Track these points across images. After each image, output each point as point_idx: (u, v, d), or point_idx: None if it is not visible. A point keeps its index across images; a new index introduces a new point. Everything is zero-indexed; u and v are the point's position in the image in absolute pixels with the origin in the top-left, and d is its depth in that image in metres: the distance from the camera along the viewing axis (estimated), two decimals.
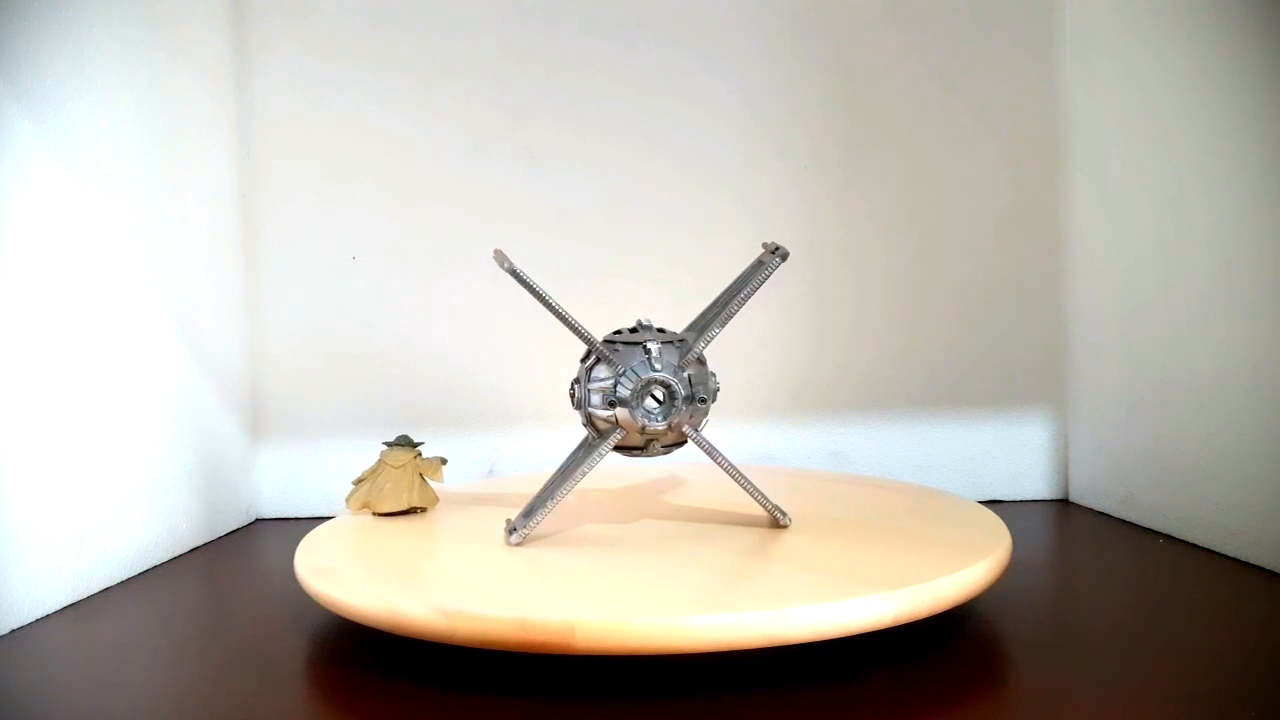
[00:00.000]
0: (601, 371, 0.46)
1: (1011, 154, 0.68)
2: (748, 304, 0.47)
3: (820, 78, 0.68)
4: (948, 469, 0.68)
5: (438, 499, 0.54)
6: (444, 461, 0.54)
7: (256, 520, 0.70)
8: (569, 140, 0.69)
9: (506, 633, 0.35)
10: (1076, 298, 0.66)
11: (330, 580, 0.40)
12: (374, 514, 0.53)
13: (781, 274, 0.69)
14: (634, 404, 0.45)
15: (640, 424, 0.45)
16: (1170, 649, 0.39)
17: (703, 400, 0.46)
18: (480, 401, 0.69)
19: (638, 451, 0.47)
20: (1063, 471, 0.68)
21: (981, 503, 0.58)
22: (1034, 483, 0.69)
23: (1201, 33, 0.53)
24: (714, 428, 0.68)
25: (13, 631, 0.45)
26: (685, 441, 0.47)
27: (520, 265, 0.46)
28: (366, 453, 0.69)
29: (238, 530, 0.67)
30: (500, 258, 0.45)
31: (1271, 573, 0.48)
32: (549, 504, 0.46)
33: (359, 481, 0.53)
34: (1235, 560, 0.50)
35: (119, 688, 0.39)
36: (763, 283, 0.47)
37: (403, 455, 0.53)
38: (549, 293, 0.46)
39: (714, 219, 0.69)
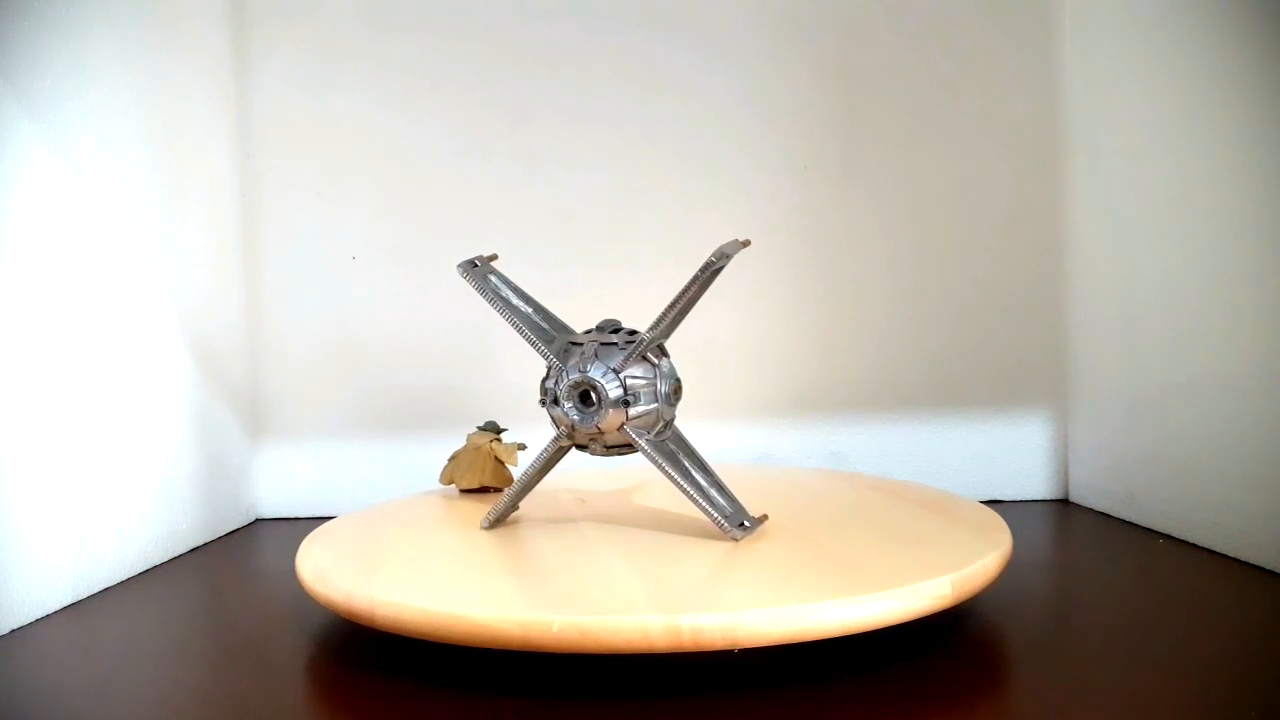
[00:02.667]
0: (553, 371, 0.47)
1: (1011, 154, 0.68)
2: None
3: (820, 77, 0.68)
4: (948, 469, 0.68)
5: (512, 480, 0.57)
6: (521, 447, 0.58)
7: (256, 520, 0.70)
8: (569, 140, 0.69)
9: (354, 607, 0.39)
10: (1076, 298, 0.66)
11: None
12: (459, 489, 0.58)
13: (782, 274, 0.69)
14: (564, 404, 0.46)
15: (570, 423, 0.46)
16: (1170, 649, 0.39)
17: (627, 403, 0.45)
18: (481, 401, 0.69)
19: (584, 449, 0.48)
20: (1063, 471, 0.68)
21: (981, 503, 0.58)
22: (1034, 483, 0.69)
23: (1202, 32, 0.53)
24: (714, 427, 0.68)
25: (13, 631, 0.45)
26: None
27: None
28: (366, 453, 0.70)
29: (238, 530, 0.67)
30: (464, 267, 0.49)
31: (1271, 573, 0.48)
32: (509, 495, 0.49)
33: (451, 459, 0.58)
34: (1235, 560, 0.50)
35: (119, 688, 0.39)
36: (696, 282, 0.45)
37: (480, 438, 0.58)
38: (521, 290, 0.50)
39: (714, 218, 0.69)
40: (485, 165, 0.69)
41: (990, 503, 0.66)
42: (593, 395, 0.45)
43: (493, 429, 0.59)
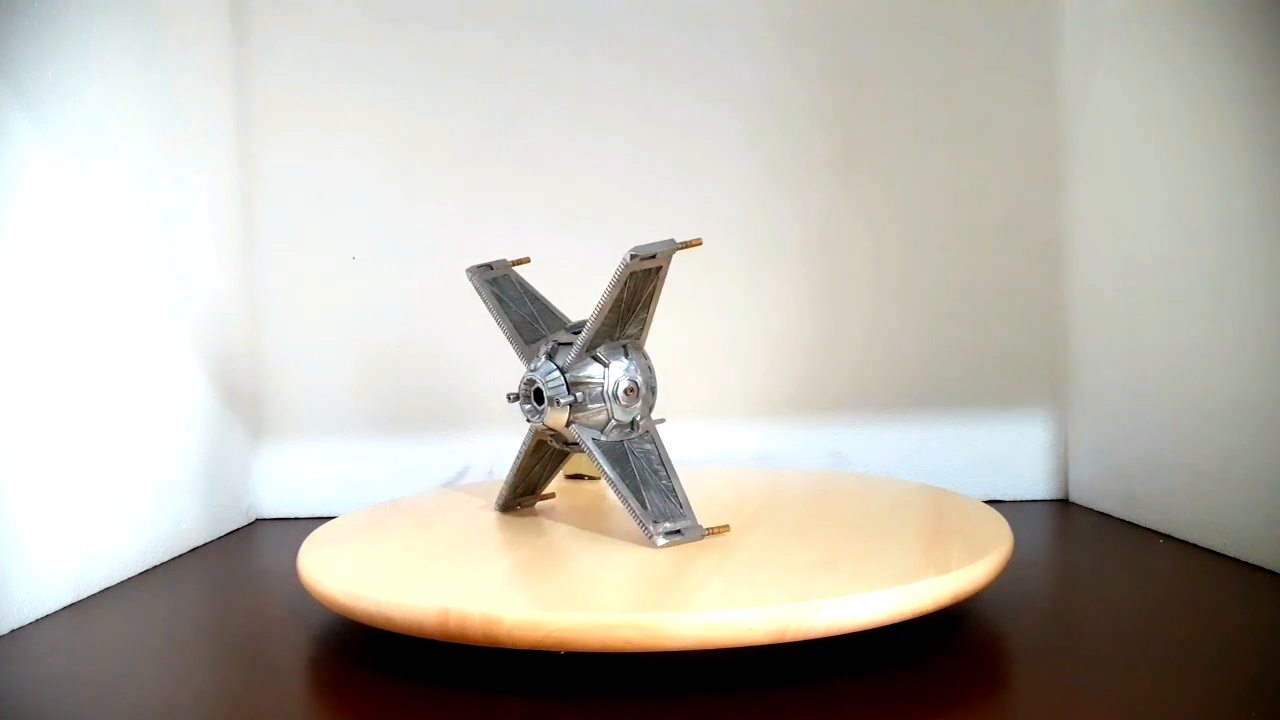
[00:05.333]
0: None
1: (1012, 155, 0.68)
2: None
3: (821, 79, 0.68)
4: (948, 469, 0.68)
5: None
6: None
7: (256, 520, 0.70)
8: (569, 139, 0.69)
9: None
10: (1076, 298, 0.66)
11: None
12: (564, 475, 0.59)
13: (781, 274, 0.69)
14: (521, 402, 0.48)
15: (527, 419, 0.47)
16: (1170, 649, 0.39)
17: (557, 401, 0.45)
18: (481, 401, 0.69)
19: (551, 444, 0.49)
20: (1063, 471, 0.68)
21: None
22: (1034, 483, 0.69)
23: (1201, 34, 0.53)
24: (714, 427, 0.68)
25: (13, 631, 0.45)
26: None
27: (513, 267, 0.51)
28: (367, 452, 0.70)
29: (238, 530, 0.67)
30: (472, 270, 0.51)
31: (1272, 573, 0.48)
32: (506, 481, 0.51)
33: None
34: (1235, 560, 0.50)
35: (119, 688, 0.39)
36: (616, 286, 0.45)
37: None
38: (533, 292, 0.51)
39: (713, 219, 0.69)
40: (485, 164, 0.69)
41: (990, 503, 0.66)
42: (544, 395, 0.46)
43: None
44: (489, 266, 0.51)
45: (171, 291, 0.60)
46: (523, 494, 0.52)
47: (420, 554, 0.45)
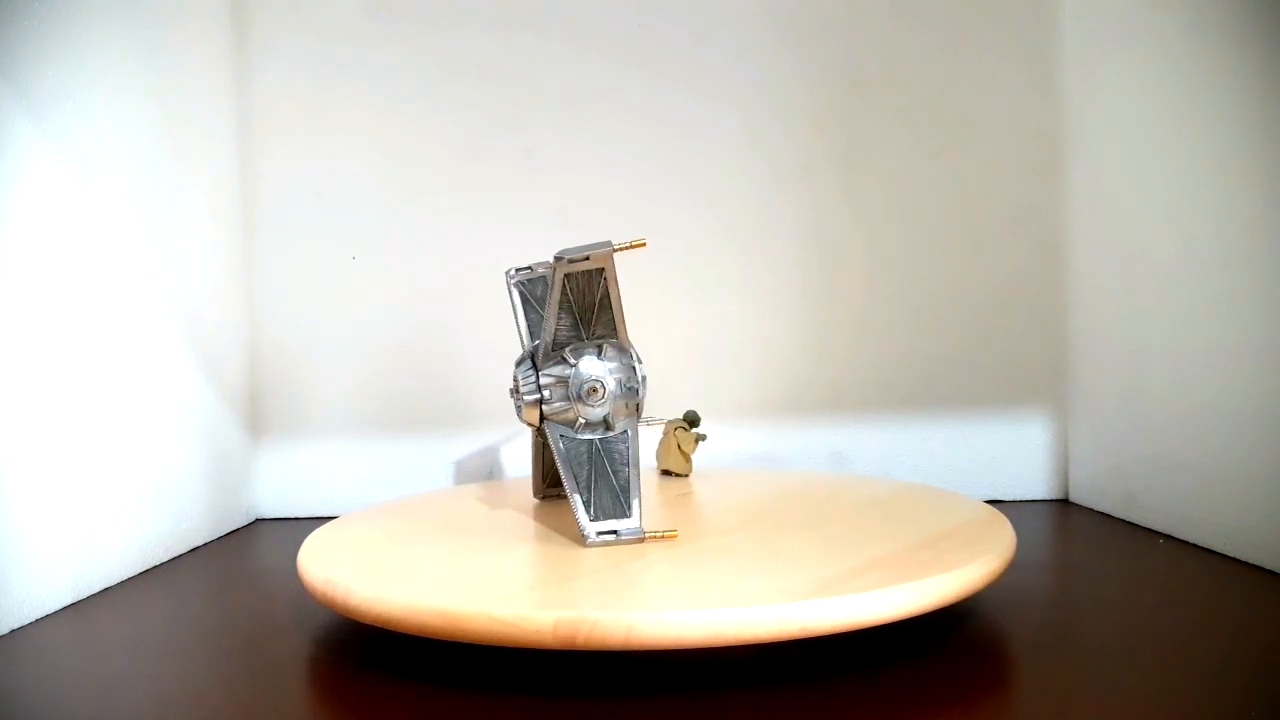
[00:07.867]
0: None
1: (1011, 154, 0.68)
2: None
3: (820, 78, 0.68)
4: (948, 469, 0.68)
5: (689, 469, 0.61)
6: (702, 438, 0.61)
7: (256, 520, 0.70)
8: (569, 139, 0.69)
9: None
10: (1076, 298, 0.66)
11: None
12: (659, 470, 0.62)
13: (781, 274, 0.69)
14: (513, 399, 0.49)
15: (517, 415, 0.49)
16: (1170, 648, 0.39)
17: (525, 399, 0.46)
18: (481, 401, 0.69)
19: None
20: (1063, 471, 0.68)
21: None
22: (1034, 483, 0.69)
23: (1201, 32, 0.53)
24: (714, 428, 0.68)
25: (13, 631, 0.45)
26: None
27: (508, 264, 0.52)
28: (367, 452, 0.70)
29: (238, 530, 0.67)
30: (510, 273, 0.51)
31: (1272, 573, 0.48)
32: (533, 472, 0.54)
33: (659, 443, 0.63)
34: (1235, 560, 0.50)
35: (119, 688, 0.39)
36: (554, 288, 0.45)
37: (668, 426, 0.62)
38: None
39: (713, 219, 0.69)
40: (485, 164, 0.69)
41: (991, 503, 0.66)
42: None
43: (688, 419, 0.61)
44: (529, 268, 0.52)
45: (171, 291, 0.60)
46: (552, 484, 0.54)
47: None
